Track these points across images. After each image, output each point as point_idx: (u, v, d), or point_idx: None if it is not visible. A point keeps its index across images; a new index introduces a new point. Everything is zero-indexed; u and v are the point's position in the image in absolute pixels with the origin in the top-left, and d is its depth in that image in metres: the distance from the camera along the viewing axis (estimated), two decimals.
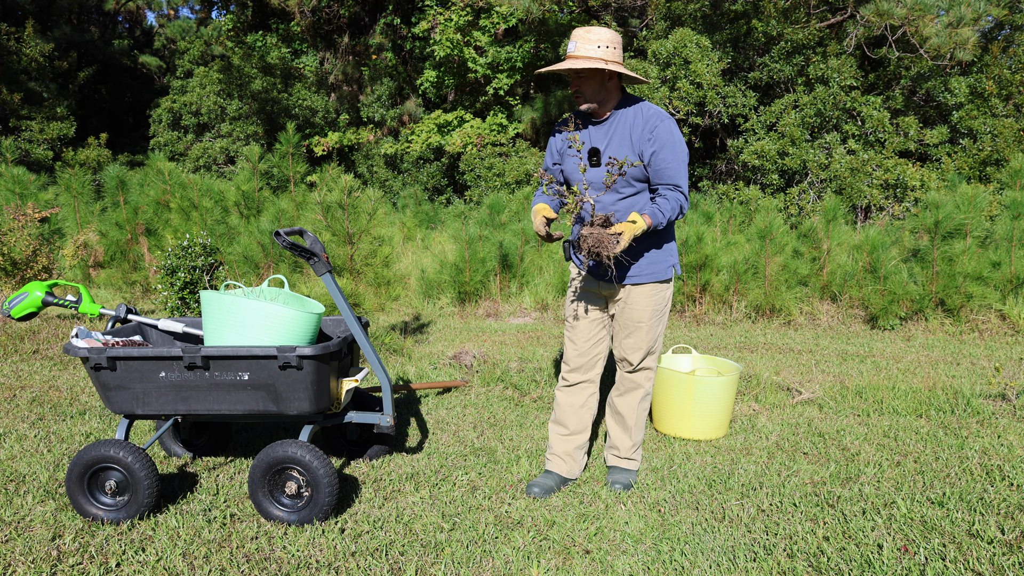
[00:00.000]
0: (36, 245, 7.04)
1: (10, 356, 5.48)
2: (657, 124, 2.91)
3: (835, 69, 11.15)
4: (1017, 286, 6.86)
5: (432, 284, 8.01)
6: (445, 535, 2.77)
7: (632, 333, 3.14)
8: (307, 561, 2.58)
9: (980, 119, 11.19)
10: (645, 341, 3.14)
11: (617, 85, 2.99)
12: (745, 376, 4.80)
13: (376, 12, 19.64)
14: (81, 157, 19.80)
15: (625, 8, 13.98)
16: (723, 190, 11.78)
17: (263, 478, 2.84)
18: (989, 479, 3.25)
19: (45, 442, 3.74)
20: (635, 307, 3.10)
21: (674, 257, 3.14)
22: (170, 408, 2.91)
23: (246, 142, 19.57)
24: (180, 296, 5.50)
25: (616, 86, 2.98)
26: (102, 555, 2.62)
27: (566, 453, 3.27)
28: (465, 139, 15.84)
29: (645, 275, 3.06)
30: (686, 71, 11.63)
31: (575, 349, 3.22)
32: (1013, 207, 7.08)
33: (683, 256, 7.27)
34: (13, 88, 20.38)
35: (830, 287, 7.35)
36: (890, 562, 2.55)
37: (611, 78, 2.94)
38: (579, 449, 3.29)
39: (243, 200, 8.54)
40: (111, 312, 3.36)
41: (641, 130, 2.93)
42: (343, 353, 3.11)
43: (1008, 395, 4.39)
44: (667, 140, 2.91)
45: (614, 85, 2.97)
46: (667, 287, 3.15)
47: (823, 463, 3.48)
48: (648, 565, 2.57)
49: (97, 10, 27.77)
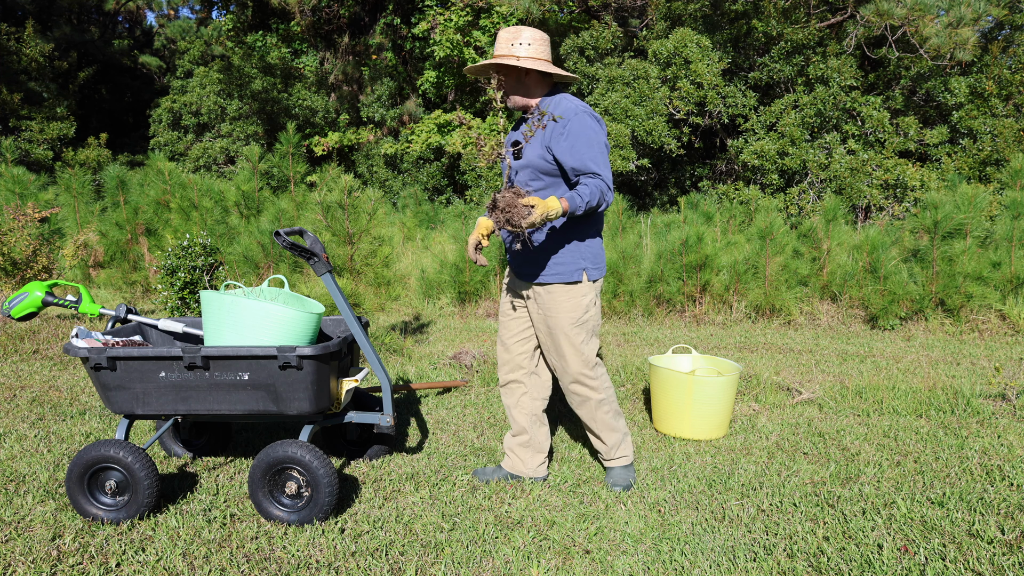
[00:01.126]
0: (36, 245, 7.04)
1: (10, 356, 5.48)
2: (571, 118, 2.90)
3: (835, 69, 11.15)
4: (1017, 286, 6.86)
5: (432, 284, 8.01)
6: (445, 535, 2.77)
7: (553, 342, 3.05)
8: (307, 561, 2.58)
9: (980, 119, 11.19)
10: (569, 353, 3.03)
11: (539, 81, 3.01)
12: (745, 376, 4.80)
13: (376, 12, 19.64)
14: (81, 157, 19.80)
15: (625, 8, 13.98)
16: (723, 190, 11.79)
17: (263, 478, 2.84)
18: (989, 479, 3.25)
19: (45, 442, 3.74)
20: (548, 311, 3.02)
21: (587, 261, 3.00)
22: (170, 408, 2.91)
23: (246, 142, 19.57)
24: (180, 296, 5.50)
25: (537, 82, 3.01)
26: (102, 555, 2.62)
27: (509, 449, 3.29)
28: (465, 139, 15.83)
29: (550, 275, 2.98)
30: (687, 71, 11.63)
31: (501, 346, 3.23)
32: (1013, 207, 7.08)
33: (683, 256, 7.26)
34: (13, 88, 20.38)
35: (830, 287, 7.35)
36: (890, 562, 2.55)
37: (528, 74, 2.98)
38: (523, 447, 3.25)
39: (243, 200, 8.54)
40: (111, 312, 3.36)
41: (554, 124, 2.92)
42: (343, 353, 3.11)
43: (1008, 395, 4.39)
44: (580, 132, 2.88)
45: (533, 81, 3.00)
46: (582, 294, 3.00)
47: (823, 463, 3.48)
48: (648, 565, 2.57)
49: (97, 10, 27.77)
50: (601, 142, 2.93)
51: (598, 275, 3.05)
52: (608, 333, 6.70)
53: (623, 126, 11.56)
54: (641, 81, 11.79)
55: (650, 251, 7.86)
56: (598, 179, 2.85)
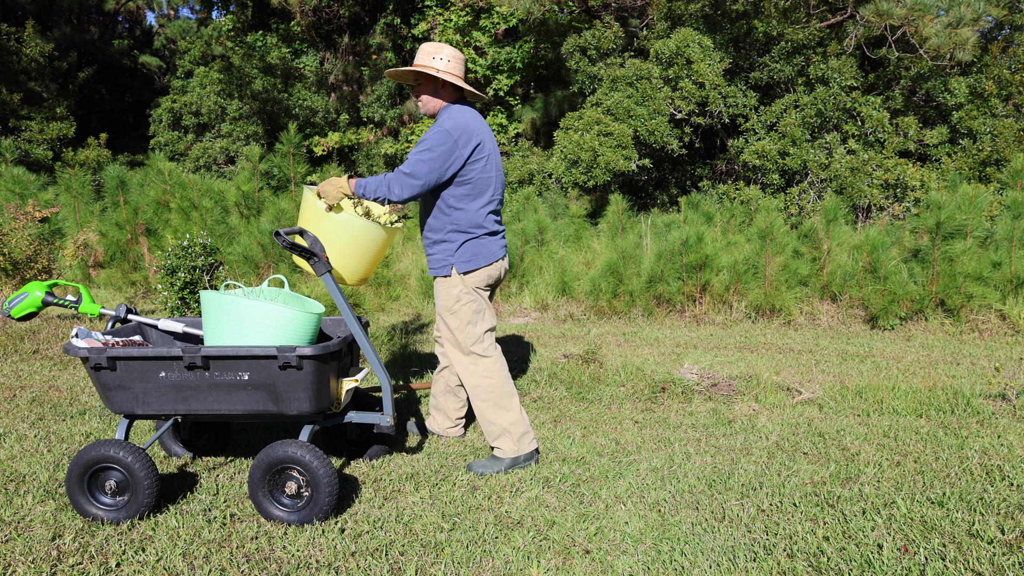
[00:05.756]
0: (36, 245, 7.04)
1: (10, 356, 5.48)
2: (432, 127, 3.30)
3: (835, 69, 11.14)
4: (1017, 286, 6.86)
5: (432, 284, 8.01)
6: (445, 535, 2.77)
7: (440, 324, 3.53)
8: (307, 561, 2.58)
9: (980, 119, 11.19)
10: (447, 336, 3.48)
11: (450, 93, 3.40)
12: (745, 376, 4.80)
13: (376, 12, 19.64)
14: (81, 157, 19.78)
15: (625, 8, 13.98)
16: (723, 190, 11.78)
17: (263, 478, 2.84)
18: (989, 479, 3.25)
19: (45, 442, 3.74)
20: (435, 298, 3.50)
21: (455, 257, 3.36)
22: (170, 408, 2.91)
23: (246, 142, 19.56)
24: (180, 296, 5.50)
25: (449, 93, 3.40)
26: (102, 555, 2.62)
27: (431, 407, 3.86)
28: None
29: (431, 269, 3.47)
30: (689, 71, 11.63)
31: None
32: (1014, 207, 7.08)
33: (683, 256, 7.27)
34: (13, 88, 20.36)
35: (830, 287, 7.35)
36: (890, 562, 2.55)
37: (443, 85, 3.37)
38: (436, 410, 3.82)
39: (243, 200, 8.54)
40: (111, 312, 3.35)
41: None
42: (343, 353, 3.11)
43: (1008, 395, 4.39)
44: (425, 136, 3.27)
45: (447, 92, 3.39)
46: (451, 285, 3.39)
47: (823, 463, 3.48)
48: (648, 565, 2.57)
49: (97, 10, 27.76)
50: (433, 148, 3.23)
51: (467, 268, 3.37)
52: (608, 333, 6.70)
53: (625, 126, 11.56)
54: (643, 81, 11.79)
55: (650, 251, 7.86)
56: (397, 172, 3.20)
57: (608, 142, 11.43)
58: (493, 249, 3.44)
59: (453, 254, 3.38)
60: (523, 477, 3.31)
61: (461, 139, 3.27)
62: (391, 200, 3.22)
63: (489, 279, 3.46)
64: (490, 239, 3.44)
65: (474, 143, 3.30)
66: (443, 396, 3.76)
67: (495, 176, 3.43)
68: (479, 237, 3.39)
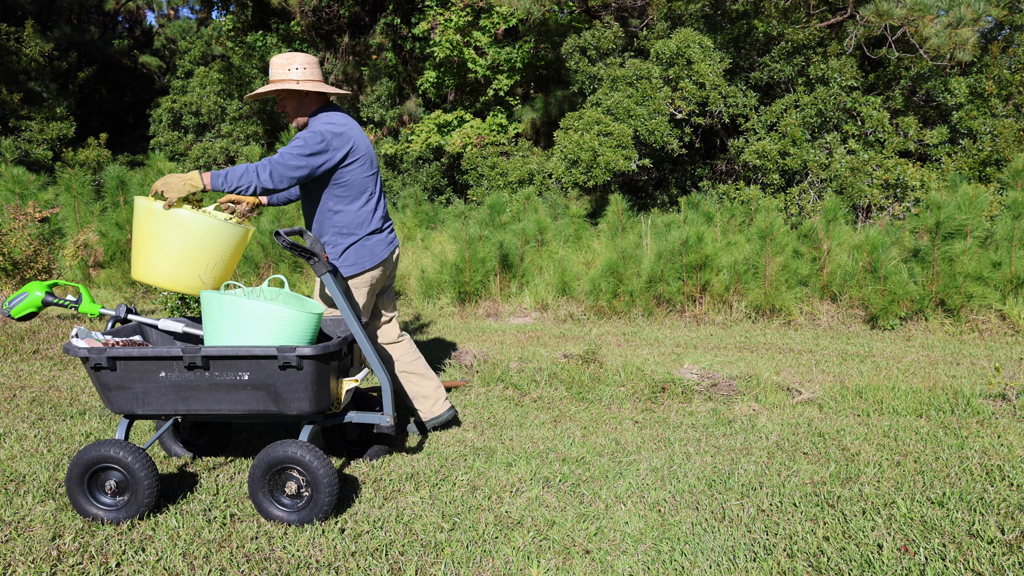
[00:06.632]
0: (36, 245, 7.04)
1: (10, 356, 5.48)
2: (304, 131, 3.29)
3: (835, 69, 11.15)
4: (1017, 286, 6.86)
5: (432, 284, 8.01)
6: (445, 535, 2.77)
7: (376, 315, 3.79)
8: (307, 561, 2.58)
9: (980, 119, 11.19)
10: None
11: (315, 99, 3.41)
12: (745, 376, 4.80)
13: (376, 12, 19.63)
14: (81, 157, 19.77)
15: (625, 8, 13.98)
16: (723, 190, 11.79)
17: (263, 478, 2.84)
18: (989, 479, 3.25)
19: (45, 442, 3.74)
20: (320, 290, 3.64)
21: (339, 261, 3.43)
22: (170, 408, 2.91)
23: (246, 142, 19.57)
24: (180, 296, 5.50)
25: (314, 100, 3.41)
26: (102, 555, 2.62)
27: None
28: (465, 139, 15.83)
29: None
30: (689, 71, 11.63)
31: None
32: (1014, 207, 7.08)
33: (683, 256, 7.27)
34: (13, 88, 20.36)
35: (830, 287, 7.35)
36: (890, 562, 2.55)
37: (307, 95, 3.39)
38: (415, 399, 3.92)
39: None
40: (111, 312, 3.35)
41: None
42: (343, 353, 3.11)
43: (1008, 395, 4.39)
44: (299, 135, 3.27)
45: (311, 100, 3.41)
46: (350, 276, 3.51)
47: (823, 463, 3.48)
48: (648, 565, 2.57)
49: (97, 10, 27.76)
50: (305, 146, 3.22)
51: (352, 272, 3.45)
52: (608, 333, 6.70)
53: (625, 126, 11.57)
54: (643, 81, 11.79)
55: (650, 251, 7.86)
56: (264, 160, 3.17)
57: (608, 142, 11.44)
58: (378, 250, 3.51)
59: (338, 258, 3.45)
60: (523, 477, 3.31)
61: (335, 141, 3.31)
62: (257, 189, 3.15)
63: (373, 280, 3.53)
64: (376, 237, 3.51)
65: (347, 147, 3.35)
66: (409, 383, 3.81)
67: (373, 175, 3.49)
68: (362, 239, 3.47)
